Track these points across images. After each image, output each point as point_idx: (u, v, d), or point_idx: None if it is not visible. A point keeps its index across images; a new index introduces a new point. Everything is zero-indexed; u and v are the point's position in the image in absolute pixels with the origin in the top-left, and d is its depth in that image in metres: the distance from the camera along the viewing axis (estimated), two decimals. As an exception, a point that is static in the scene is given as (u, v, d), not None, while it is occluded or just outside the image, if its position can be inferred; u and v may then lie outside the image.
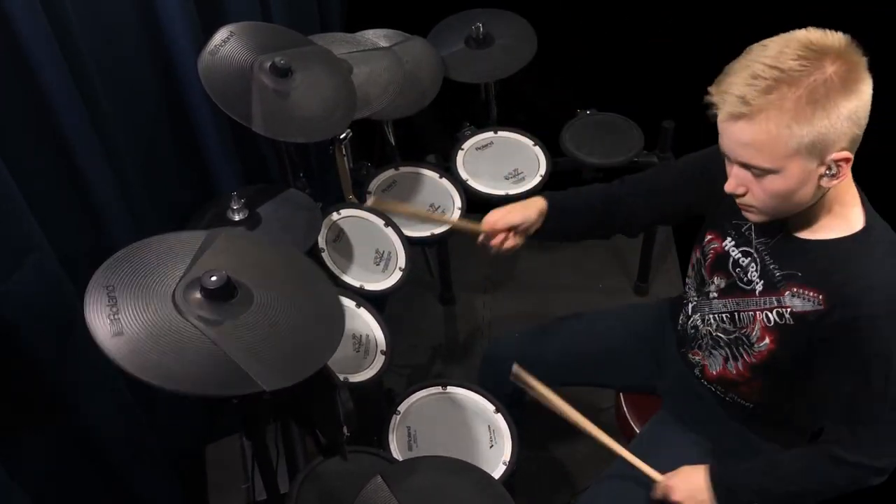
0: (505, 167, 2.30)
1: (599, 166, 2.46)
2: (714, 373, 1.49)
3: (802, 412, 1.46)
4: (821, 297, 1.25)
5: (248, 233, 1.61)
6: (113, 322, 1.00)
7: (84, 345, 1.32)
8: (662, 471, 1.48)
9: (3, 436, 1.27)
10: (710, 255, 1.47)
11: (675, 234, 2.99)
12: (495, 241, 1.59)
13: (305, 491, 1.46)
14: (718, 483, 1.39)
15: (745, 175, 1.22)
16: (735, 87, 1.14)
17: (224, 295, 1.06)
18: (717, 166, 1.32)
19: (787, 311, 1.30)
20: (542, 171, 2.29)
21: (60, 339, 1.30)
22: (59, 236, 1.34)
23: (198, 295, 1.07)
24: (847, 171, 1.18)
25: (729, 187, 1.25)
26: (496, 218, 1.58)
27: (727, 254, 1.43)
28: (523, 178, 2.27)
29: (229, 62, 1.62)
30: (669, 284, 2.78)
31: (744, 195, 1.25)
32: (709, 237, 1.48)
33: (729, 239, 1.43)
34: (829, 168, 1.16)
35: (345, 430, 1.22)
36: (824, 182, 1.18)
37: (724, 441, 1.53)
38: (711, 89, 1.18)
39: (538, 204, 1.60)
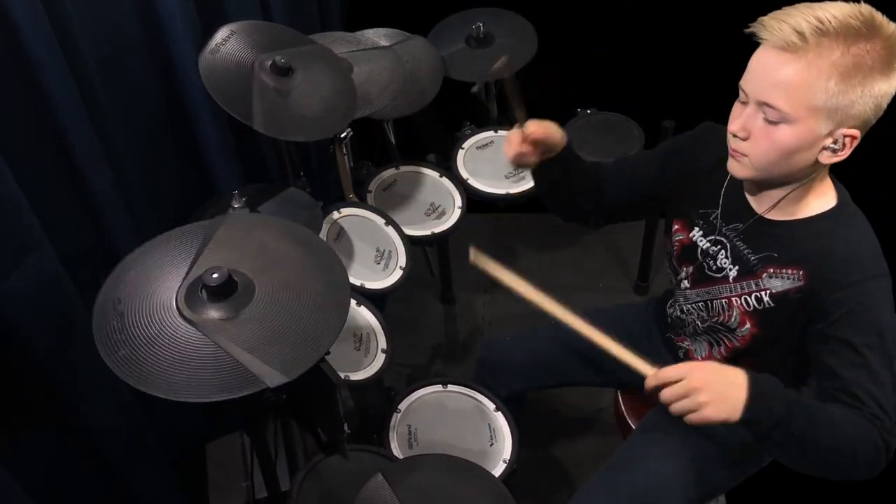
0: (505, 166, 2.30)
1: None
2: (700, 358, 1.50)
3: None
4: (801, 272, 1.26)
5: (251, 214, 1.61)
6: (121, 342, 1.01)
7: (84, 343, 1.33)
8: (659, 468, 1.47)
9: (3, 435, 1.27)
10: (677, 246, 1.48)
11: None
12: (522, 141, 1.47)
13: (306, 489, 1.46)
14: (759, 393, 1.18)
15: (755, 119, 1.20)
16: (794, 19, 1.13)
17: (226, 291, 1.06)
18: (680, 155, 1.32)
19: (765, 293, 1.30)
20: (543, 170, 2.29)
21: (60, 338, 1.30)
22: (59, 235, 1.34)
23: (200, 295, 1.07)
24: (848, 151, 1.19)
25: (733, 127, 1.23)
26: (534, 130, 1.46)
27: (695, 244, 1.43)
28: (524, 177, 2.27)
29: (230, 61, 1.62)
30: (670, 283, 2.78)
31: (745, 139, 1.23)
32: (675, 227, 1.48)
33: (696, 229, 1.43)
34: (836, 142, 1.17)
35: (345, 427, 1.22)
36: (824, 156, 1.19)
37: (717, 433, 1.52)
38: (763, 18, 1.16)
39: (563, 135, 1.51)
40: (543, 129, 1.47)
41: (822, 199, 1.29)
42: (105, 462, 1.47)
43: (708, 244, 1.41)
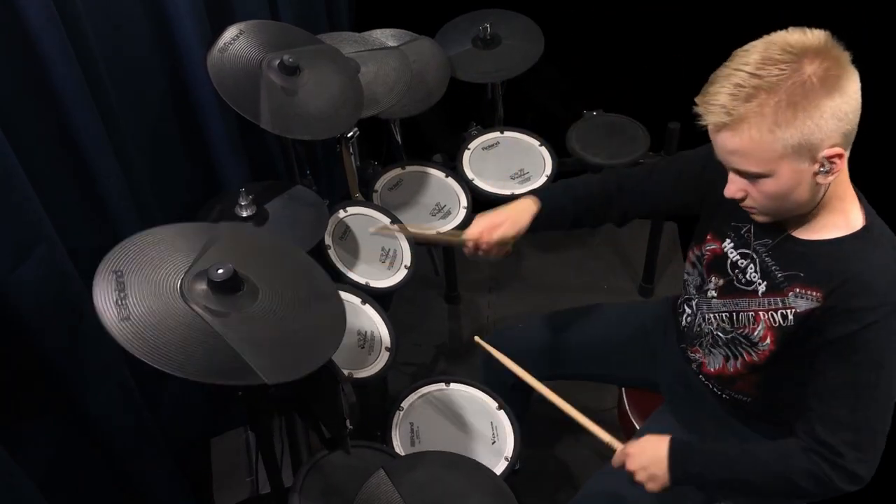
0: (511, 167, 2.32)
1: (604, 167, 2.47)
2: (712, 370, 1.50)
3: (800, 408, 1.46)
4: (819, 294, 1.26)
5: (254, 228, 1.63)
6: (120, 307, 1.02)
7: (90, 336, 1.35)
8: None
9: (9, 424, 1.29)
10: (708, 255, 1.48)
11: (680, 235, 2.99)
12: (484, 250, 1.54)
13: (309, 484, 1.47)
14: (677, 461, 1.36)
15: (742, 180, 1.24)
16: (718, 98, 1.16)
17: (230, 287, 1.08)
18: (713, 166, 1.32)
19: (790, 311, 1.30)
20: (548, 171, 2.30)
21: (67, 330, 1.32)
22: (68, 230, 1.35)
23: (204, 286, 1.08)
24: (842, 166, 1.19)
25: (728, 192, 1.27)
26: (483, 228, 1.52)
27: (725, 255, 1.44)
28: (529, 178, 2.28)
29: (238, 60, 1.63)
30: (674, 286, 2.78)
31: (744, 199, 1.27)
32: (708, 237, 1.49)
33: (728, 241, 1.44)
34: (823, 165, 1.17)
35: (348, 423, 1.24)
36: (820, 179, 1.19)
37: (724, 440, 1.53)
38: (697, 100, 1.20)
39: (530, 209, 1.56)
40: (486, 228, 1.53)
41: (848, 217, 1.27)
42: (109, 453, 1.48)
43: (738, 257, 1.41)
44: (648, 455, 1.39)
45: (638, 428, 1.72)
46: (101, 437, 1.46)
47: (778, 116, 1.12)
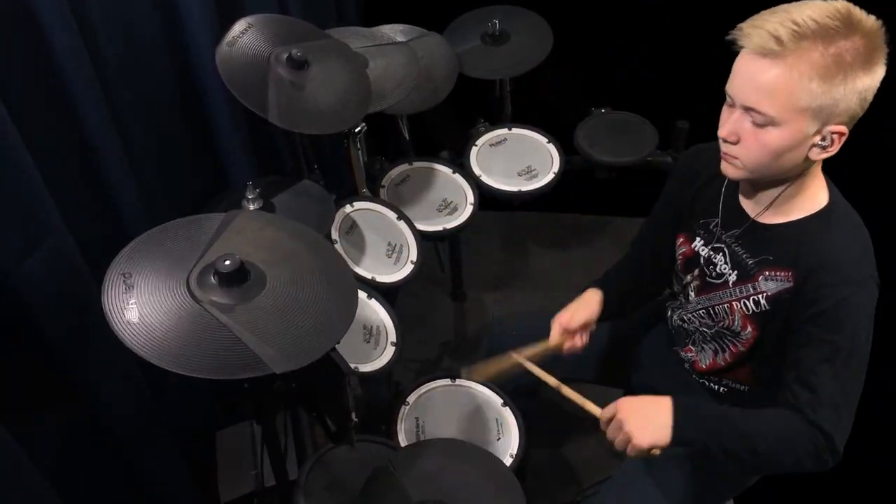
0: (518, 164, 2.31)
1: (612, 165, 2.47)
2: (704, 366, 1.51)
3: None
4: (790, 273, 1.27)
5: (266, 214, 1.62)
6: (128, 309, 1.02)
7: (98, 328, 1.35)
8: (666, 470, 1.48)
9: (18, 416, 1.29)
10: (680, 258, 1.50)
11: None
12: (571, 343, 1.56)
13: (314, 478, 1.47)
14: (685, 416, 1.26)
15: (743, 122, 1.21)
16: (771, 25, 1.14)
17: (237, 279, 1.08)
18: (681, 172, 1.35)
19: (762, 296, 1.32)
20: (556, 168, 2.29)
21: (75, 322, 1.32)
22: (77, 224, 1.36)
23: (212, 279, 1.08)
24: (837, 146, 1.19)
25: (723, 132, 1.24)
26: (566, 323, 1.55)
27: (697, 254, 1.45)
28: (536, 175, 2.28)
29: (247, 54, 1.63)
30: (672, 295, 2.77)
31: (735, 143, 1.24)
32: (679, 240, 1.50)
33: (698, 239, 1.45)
34: (824, 139, 1.18)
35: (353, 416, 1.23)
36: (813, 153, 1.19)
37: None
38: (742, 24, 1.17)
39: (596, 297, 1.60)
40: (567, 322, 1.55)
41: (814, 199, 1.29)
42: (115, 446, 1.49)
43: (710, 252, 1.42)
44: (646, 403, 1.30)
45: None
46: (108, 429, 1.46)
47: (823, 69, 1.11)
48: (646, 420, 1.27)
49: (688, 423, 1.26)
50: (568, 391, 1.39)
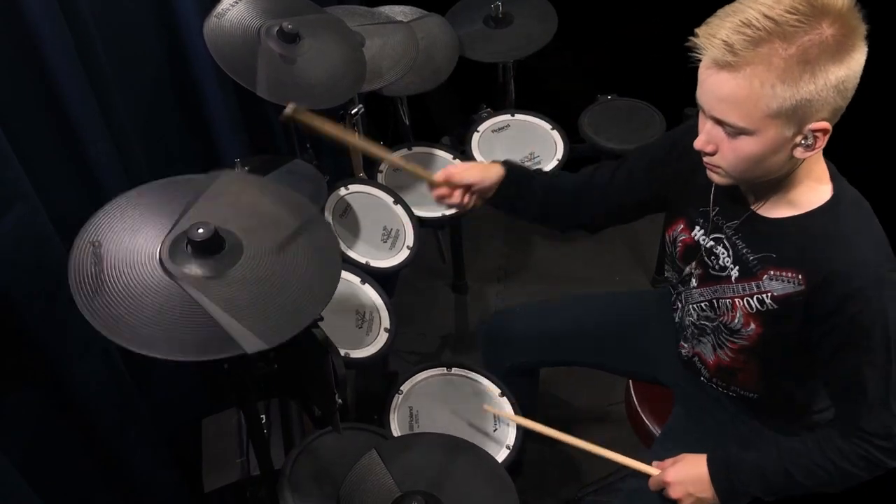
0: (521, 151, 2.25)
1: (618, 152, 2.39)
2: (710, 361, 1.43)
3: (808, 398, 1.40)
4: (800, 276, 1.19)
5: (249, 175, 1.56)
6: (97, 284, 0.96)
7: (72, 305, 1.29)
8: None
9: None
10: (680, 245, 1.41)
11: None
12: (449, 196, 1.47)
13: (299, 466, 1.41)
14: (719, 475, 1.31)
15: (718, 132, 1.13)
16: (724, 32, 1.05)
17: (212, 248, 1.01)
18: (682, 146, 1.27)
19: (767, 295, 1.23)
20: (560, 155, 2.23)
21: (46, 296, 1.25)
22: (57, 203, 1.29)
23: (185, 249, 1.02)
24: (823, 143, 1.10)
25: (698, 143, 1.17)
26: (453, 171, 1.47)
27: (698, 244, 1.37)
28: (540, 163, 2.22)
29: (236, 26, 1.58)
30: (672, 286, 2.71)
31: (713, 154, 1.16)
32: (680, 226, 1.41)
33: (697, 228, 1.36)
34: (806, 138, 1.09)
35: (337, 398, 1.17)
36: (798, 152, 1.11)
37: (741, 439, 1.44)
38: (698, 30, 1.09)
39: (498, 170, 1.50)
40: (455, 171, 1.46)
41: (816, 190, 1.20)
42: (92, 431, 1.42)
43: (712, 242, 1.34)
44: (690, 478, 1.34)
45: (647, 424, 1.66)
46: (84, 413, 1.39)
47: (786, 71, 1.02)
48: (691, 492, 1.34)
49: (729, 489, 1.31)
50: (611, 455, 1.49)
